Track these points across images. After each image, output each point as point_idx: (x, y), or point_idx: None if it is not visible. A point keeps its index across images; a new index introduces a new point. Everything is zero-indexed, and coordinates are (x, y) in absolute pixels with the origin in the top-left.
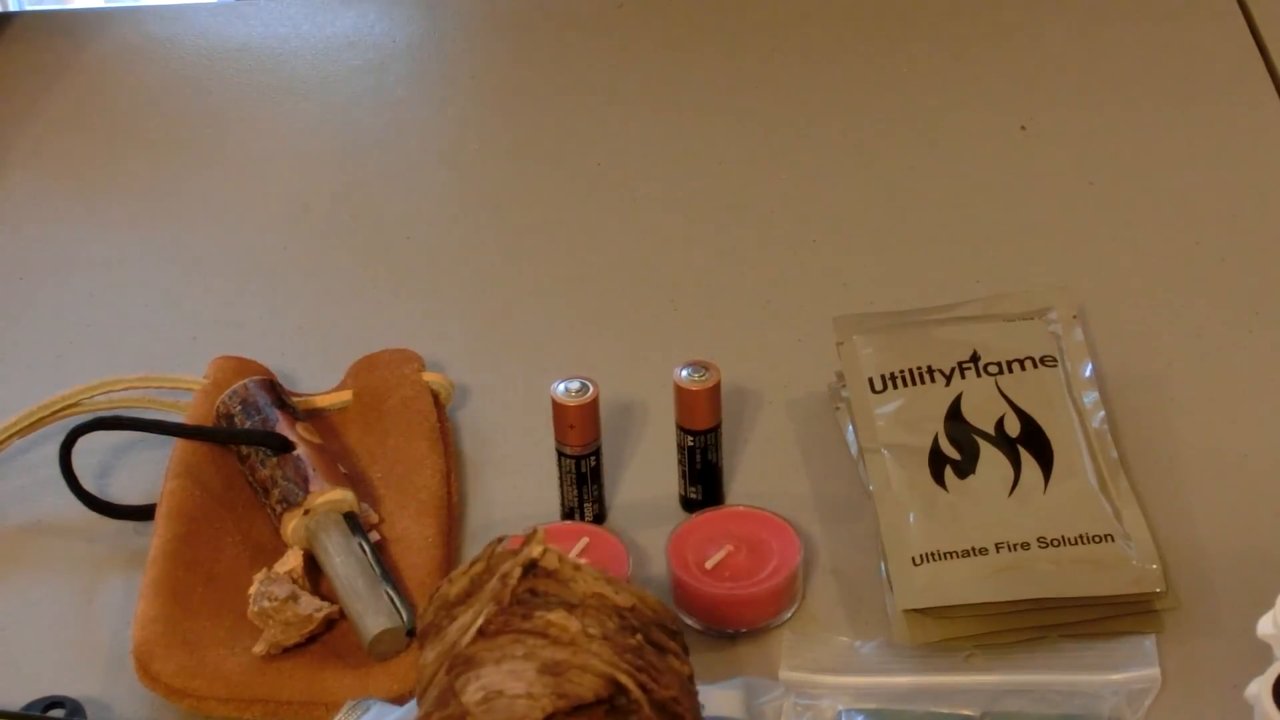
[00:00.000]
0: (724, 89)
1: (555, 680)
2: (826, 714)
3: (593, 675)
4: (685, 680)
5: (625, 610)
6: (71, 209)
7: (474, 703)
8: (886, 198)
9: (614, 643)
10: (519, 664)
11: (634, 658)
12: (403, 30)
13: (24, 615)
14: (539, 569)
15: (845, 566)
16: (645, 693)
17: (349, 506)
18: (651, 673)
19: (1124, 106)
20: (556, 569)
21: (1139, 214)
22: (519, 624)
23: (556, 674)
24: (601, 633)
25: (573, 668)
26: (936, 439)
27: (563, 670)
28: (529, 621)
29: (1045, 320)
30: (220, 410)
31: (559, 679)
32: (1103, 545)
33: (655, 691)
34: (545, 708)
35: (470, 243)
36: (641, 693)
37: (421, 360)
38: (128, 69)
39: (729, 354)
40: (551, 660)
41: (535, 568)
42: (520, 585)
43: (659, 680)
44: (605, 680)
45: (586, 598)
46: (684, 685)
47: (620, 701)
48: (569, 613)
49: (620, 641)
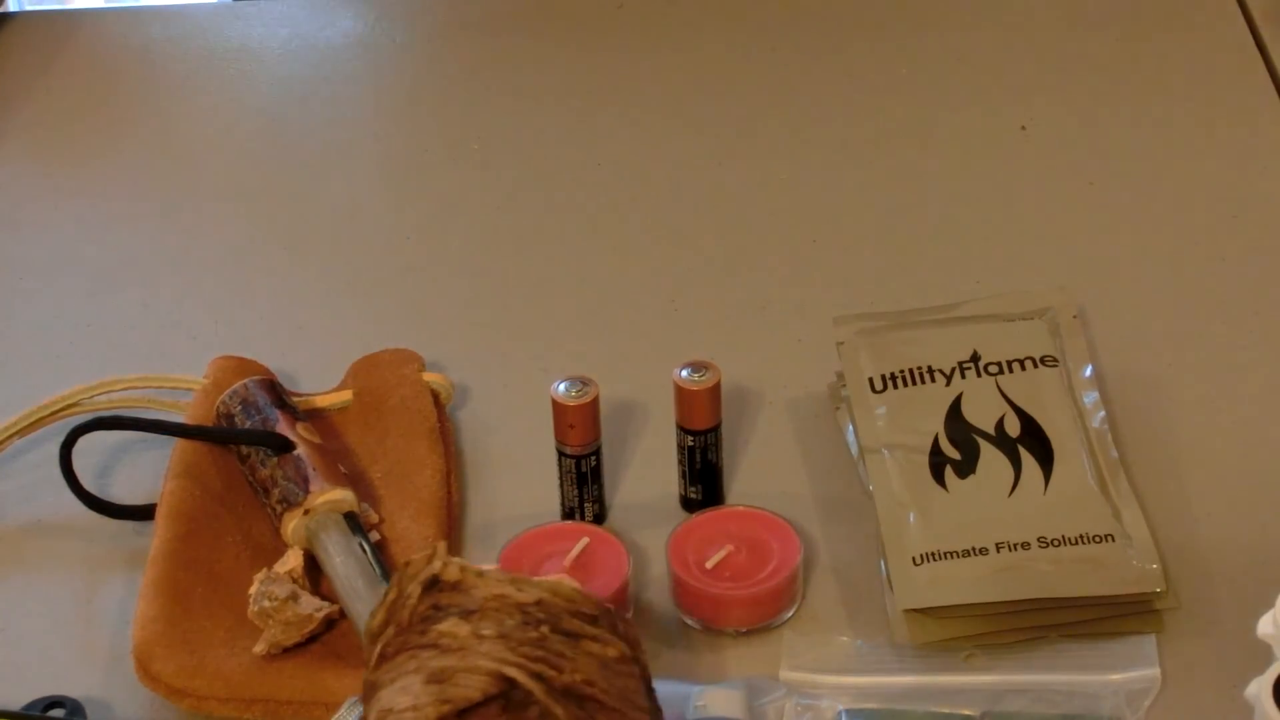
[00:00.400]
0: (724, 89)
1: (440, 687)
2: (826, 714)
3: (480, 675)
4: (608, 661)
5: (529, 605)
6: (71, 209)
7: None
8: (886, 198)
9: (510, 639)
10: (409, 679)
11: (533, 649)
12: (402, 30)
13: (24, 615)
14: (442, 584)
15: (845, 566)
16: (543, 681)
17: (349, 506)
18: (554, 660)
19: (1124, 106)
20: (459, 580)
21: (1139, 214)
22: (414, 640)
23: (442, 681)
24: (497, 632)
25: (459, 671)
26: (937, 439)
27: (448, 676)
28: (423, 637)
29: (1045, 320)
30: (220, 410)
31: (444, 685)
32: (1103, 545)
33: (556, 678)
34: (430, 715)
35: (470, 243)
36: (537, 681)
37: (422, 360)
38: (127, 69)
39: (729, 354)
40: (438, 668)
41: (438, 583)
42: (423, 603)
43: (563, 666)
44: (493, 677)
45: (486, 601)
46: (604, 666)
47: (516, 695)
48: (462, 619)
49: (518, 636)
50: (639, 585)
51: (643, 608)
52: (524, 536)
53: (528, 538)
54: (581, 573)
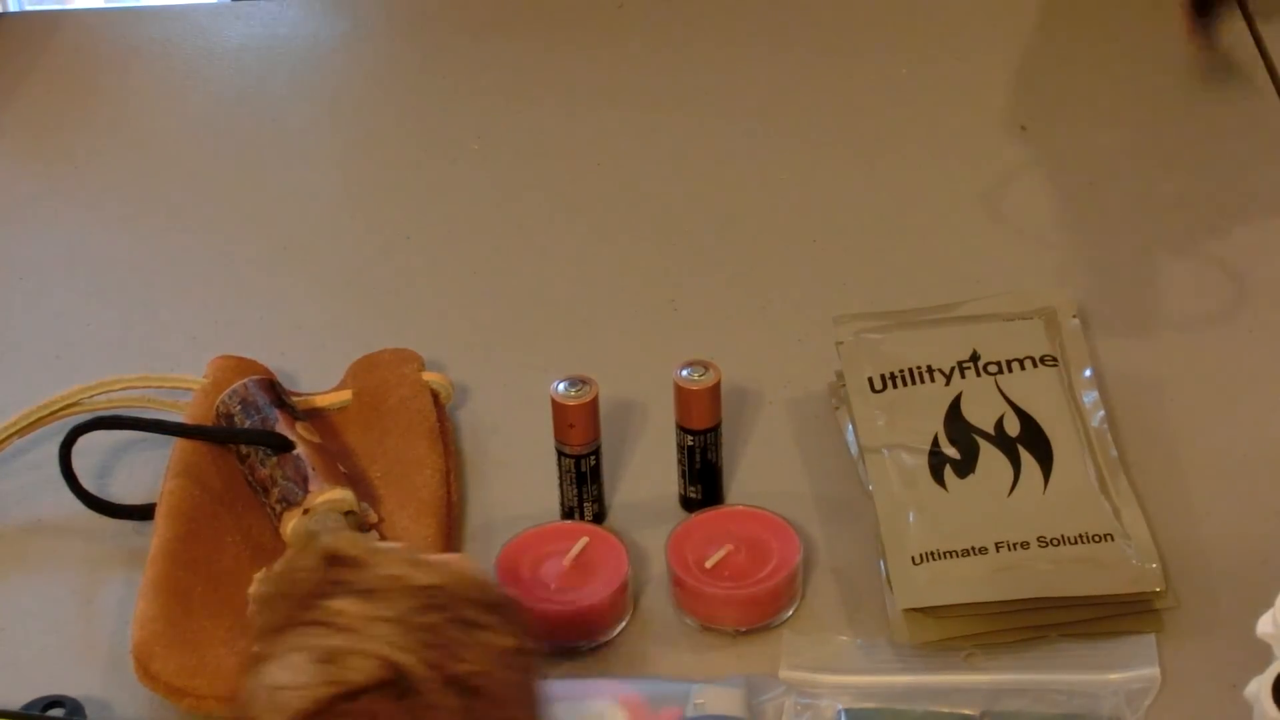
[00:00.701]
0: (724, 89)
1: (328, 668)
2: (826, 713)
3: (369, 659)
4: (502, 653)
5: (427, 589)
6: (71, 209)
7: (252, 699)
8: (887, 197)
9: (404, 623)
10: (297, 655)
11: (427, 635)
12: (402, 31)
13: (24, 615)
14: (340, 558)
15: (845, 566)
16: (435, 669)
17: (348, 506)
18: (448, 649)
19: (1124, 107)
20: (358, 555)
21: (1139, 214)
22: (306, 615)
23: (330, 661)
24: (393, 614)
25: (349, 653)
26: (936, 438)
27: (338, 657)
28: (316, 612)
29: (1045, 320)
30: (220, 410)
31: (332, 666)
32: (1102, 545)
33: (447, 667)
34: (315, 697)
35: (470, 242)
36: (428, 670)
37: (421, 360)
38: (127, 69)
39: (729, 354)
40: (328, 648)
41: (337, 558)
42: (319, 576)
43: (456, 655)
44: (382, 663)
45: (384, 581)
46: (497, 658)
47: (404, 683)
48: (357, 598)
49: (412, 621)
50: (638, 585)
51: (642, 607)
52: (523, 536)
53: (527, 537)
54: (581, 572)
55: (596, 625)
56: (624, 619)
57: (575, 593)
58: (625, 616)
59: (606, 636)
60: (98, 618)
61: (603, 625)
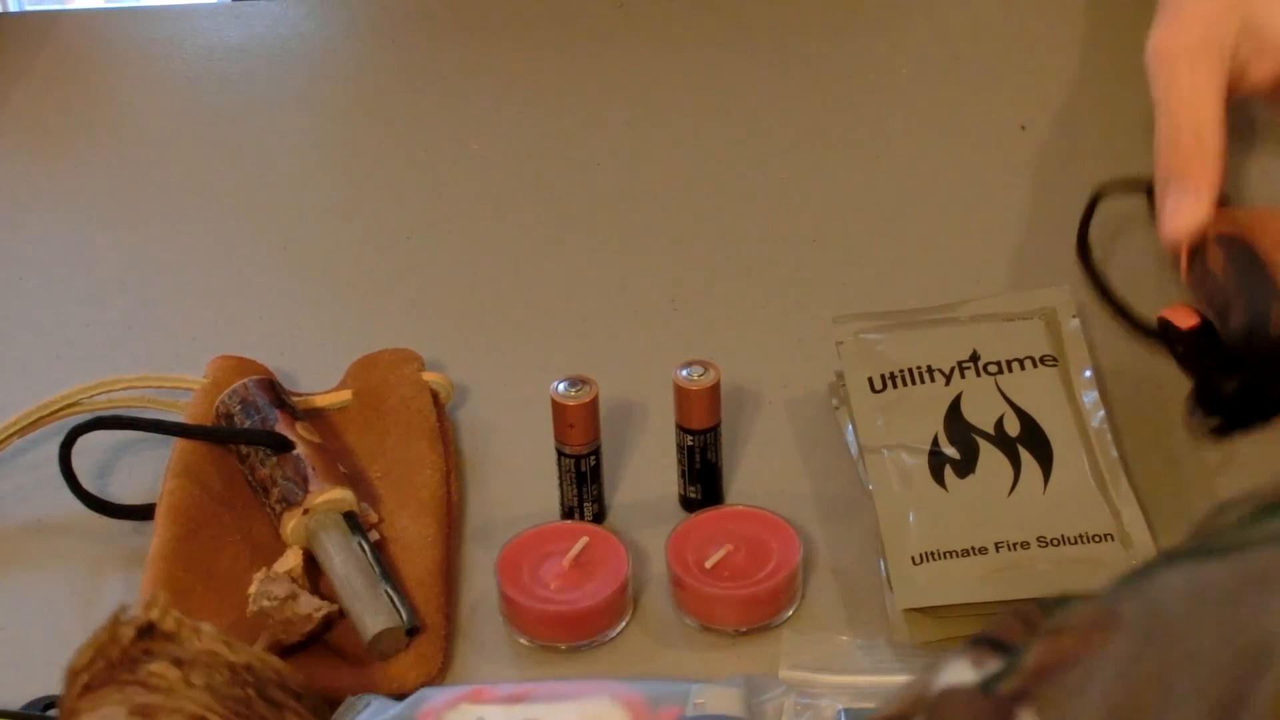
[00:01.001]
0: (724, 89)
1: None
2: (826, 713)
3: (183, 716)
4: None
5: (240, 667)
6: (71, 209)
7: None
8: (887, 197)
9: (217, 692)
10: (112, 709)
11: (238, 705)
12: (402, 31)
13: (24, 615)
14: (157, 632)
15: (845, 566)
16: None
17: (348, 506)
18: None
19: (1124, 107)
20: (174, 630)
21: (1139, 214)
22: (122, 676)
23: (145, 716)
24: (206, 683)
25: (164, 710)
26: (936, 439)
27: (153, 713)
28: (132, 674)
29: (1045, 320)
30: (220, 410)
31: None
32: (1102, 545)
33: None
34: None
35: (470, 243)
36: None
37: (421, 360)
38: (126, 69)
39: (729, 354)
40: (143, 704)
41: (153, 630)
42: (136, 647)
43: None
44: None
45: (199, 654)
46: None
47: None
48: (173, 665)
49: (226, 692)
50: (638, 585)
51: (642, 607)
52: (523, 536)
53: (527, 537)
54: (581, 572)
55: (596, 625)
56: (624, 619)
57: (575, 593)
58: (625, 616)
59: (606, 636)
60: (97, 618)
61: (603, 625)
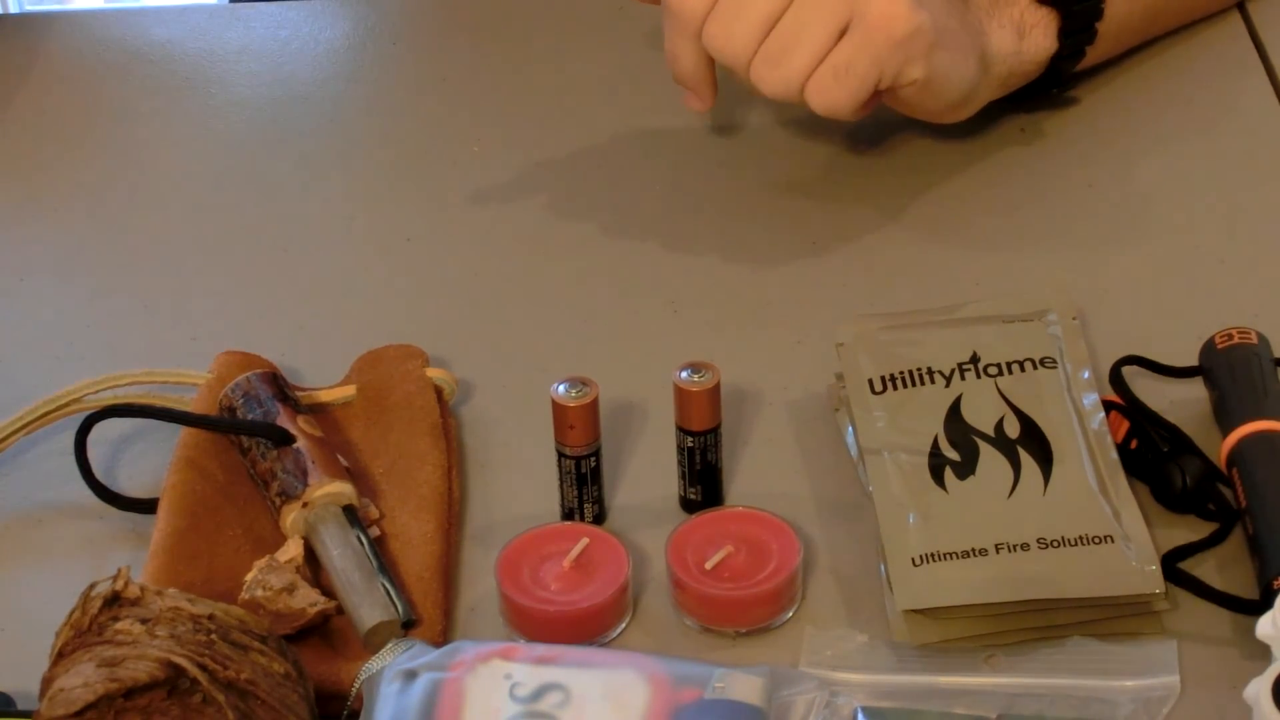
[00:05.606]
0: (724, 89)
1: (110, 669)
2: (843, 711)
3: (149, 661)
4: (273, 674)
5: (202, 617)
6: (71, 209)
7: (44, 709)
8: (887, 198)
9: (181, 639)
10: (82, 665)
11: (201, 648)
12: (402, 32)
13: (26, 610)
14: (122, 600)
15: (845, 567)
16: (208, 672)
17: (348, 500)
18: (220, 659)
19: (1124, 107)
20: (139, 597)
21: (1139, 214)
22: (91, 639)
23: (113, 665)
24: (169, 633)
25: (129, 658)
26: (936, 440)
27: (119, 661)
28: (100, 636)
29: (1045, 322)
30: (223, 403)
31: (114, 668)
32: (1102, 546)
33: (220, 672)
34: (98, 690)
35: (470, 243)
36: (202, 671)
37: (426, 356)
38: (127, 71)
39: (729, 355)
40: (111, 656)
41: (119, 599)
42: (104, 614)
43: (229, 665)
44: (161, 663)
45: (163, 611)
46: (269, 675)
47: (183, 684)
48: (138, 622)
49: (190, 639)
50: (638, 586)
51: (642, 609)
52: (524, 537)
53: (527, 538)
54: (581, 573)
55: (597, 626)
56: (624, 620)
57: (575, 594)
58: (625, 618)
59: (606, 637)
60: None
61: (603, 626)
